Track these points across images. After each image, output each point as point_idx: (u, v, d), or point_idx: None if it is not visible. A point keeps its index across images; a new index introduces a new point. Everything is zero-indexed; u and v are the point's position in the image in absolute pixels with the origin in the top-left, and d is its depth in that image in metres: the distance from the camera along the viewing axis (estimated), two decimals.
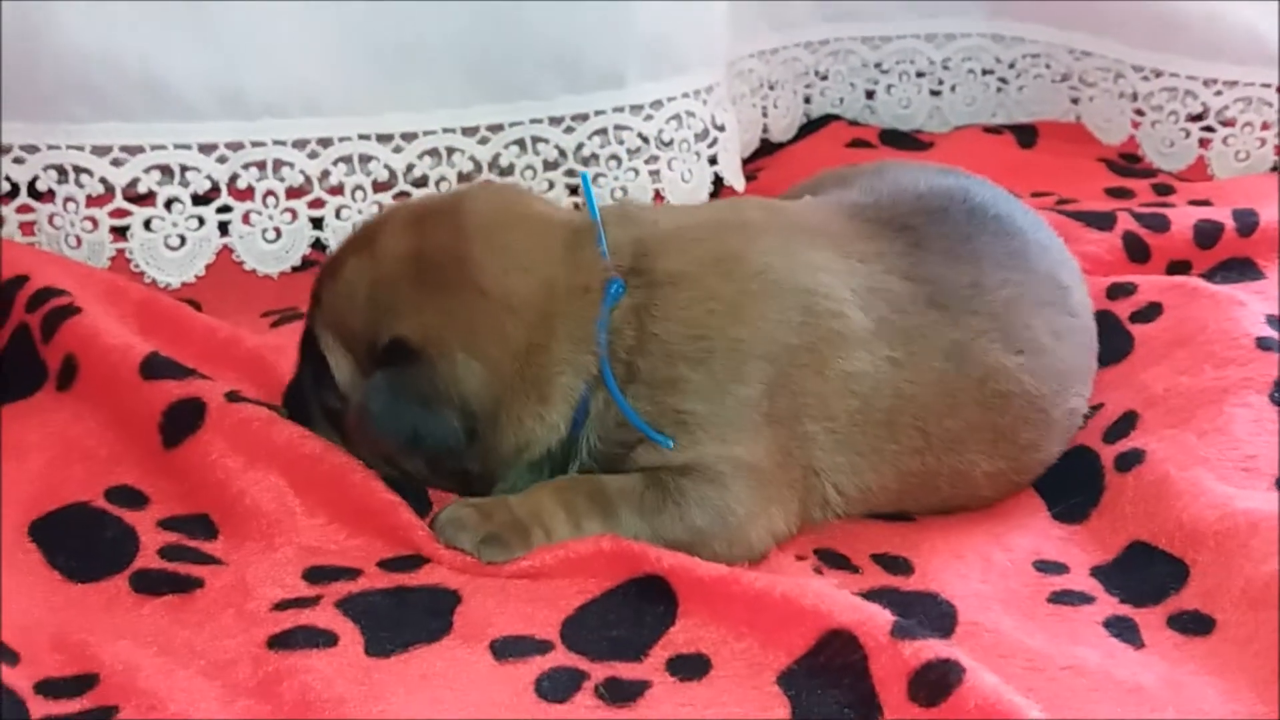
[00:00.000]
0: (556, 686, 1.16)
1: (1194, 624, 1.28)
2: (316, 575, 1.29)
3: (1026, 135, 2.48)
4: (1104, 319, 1.68)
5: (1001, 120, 2.55)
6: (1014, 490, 1.49)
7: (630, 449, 1.36)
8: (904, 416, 1.40)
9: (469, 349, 1.32)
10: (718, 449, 1.33)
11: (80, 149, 1.78)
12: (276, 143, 1.85)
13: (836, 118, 2.52)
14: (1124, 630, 1.28)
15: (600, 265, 1.37)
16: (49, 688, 1.12)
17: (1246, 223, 1.95)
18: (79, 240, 1.81)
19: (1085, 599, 1.33)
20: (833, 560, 1.37)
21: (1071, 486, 1.50)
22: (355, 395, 1.36)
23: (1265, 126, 2.32)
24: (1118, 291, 1.73)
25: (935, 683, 1.10)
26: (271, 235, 1.88)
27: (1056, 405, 1.47)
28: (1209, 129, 2.35)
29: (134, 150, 1.79)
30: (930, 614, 1.26)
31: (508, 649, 1.20)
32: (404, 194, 1.95)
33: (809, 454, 1.38)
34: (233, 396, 1.45)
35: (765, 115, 2.39)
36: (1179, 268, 1.91)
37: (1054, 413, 1.47)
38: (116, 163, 1.79)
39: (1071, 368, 1.49)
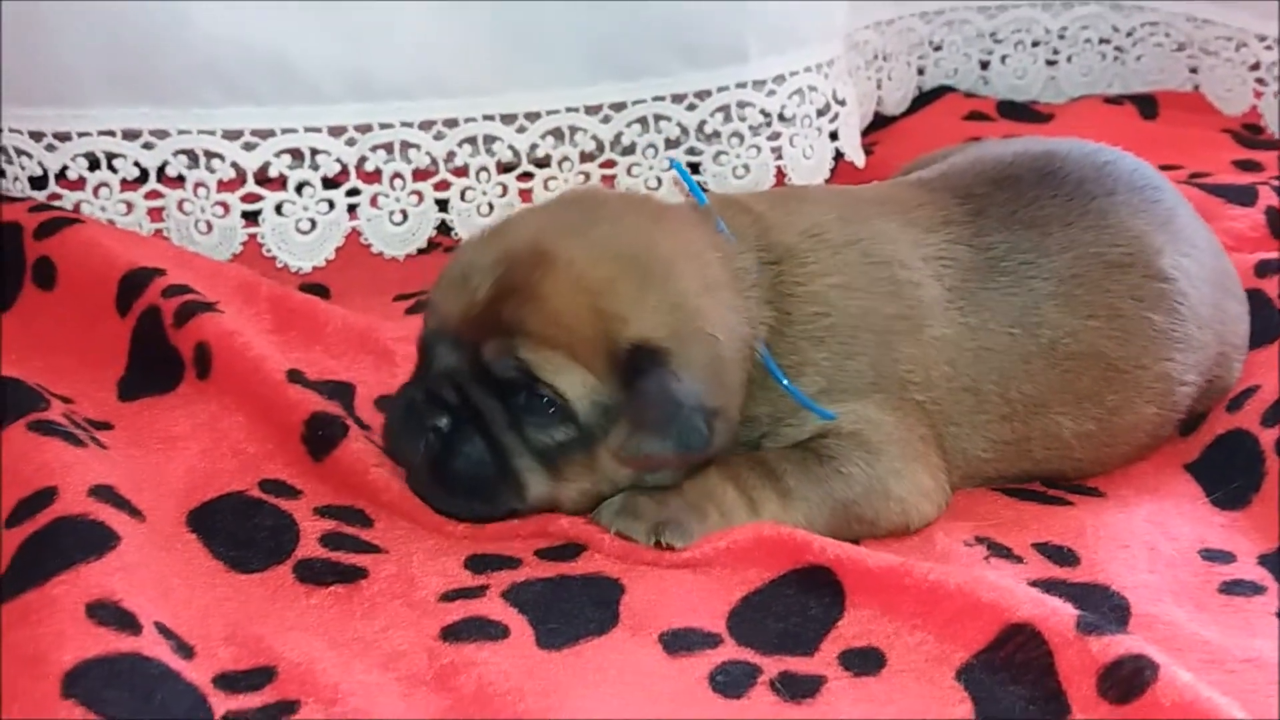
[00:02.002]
0: (731, 681, 1.15)
1: None
2: (479, 564, 1.29)
3: (1147, 106, 2.43)
4: (1253, 297, 1.65)
5: (1118, 90, 2.50)
6: (1110, 455, 1.47)
7: (775, 425, 1.37)
8: (986, 383, 1.40)
9: (703, 341, 1.29)
10: (854, 415, 1.35)
11: (211, 133, 1.77)
12: (404, 124, 1.84)
13: (950, 89, 2.48)
14: None
15: (734, 247, 1.37)
16: (228, 682, 1.11)
17: None
18: (209, 226, 1.80)
19: (1256, 589, 1.30)
20: (994, 550, 1.34)
21: (1230, 471, 1.47)
22: (594, 415, 1.27)
23: None
24: (1266, 269, 1.69)
25: (1127, 679, 1.08)
26: (398, 218, 1.87)
27: (1143, 368, 1.44)
28: None
29: (265, 134, 1.79)
30: (1103, 606, 1.23)
31: (677, 642, 1.19)
32: (527, 174, 1.93)
33: (920, 423, 1.38)
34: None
35: (879, 88, 2.35)
36: None
37: (1140, 376, 1.44)
38: (248, 147, 1.78)
39: (1162, 332, 1.45)
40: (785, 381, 1.35)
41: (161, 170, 1.80)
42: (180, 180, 1.80)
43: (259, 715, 1.07)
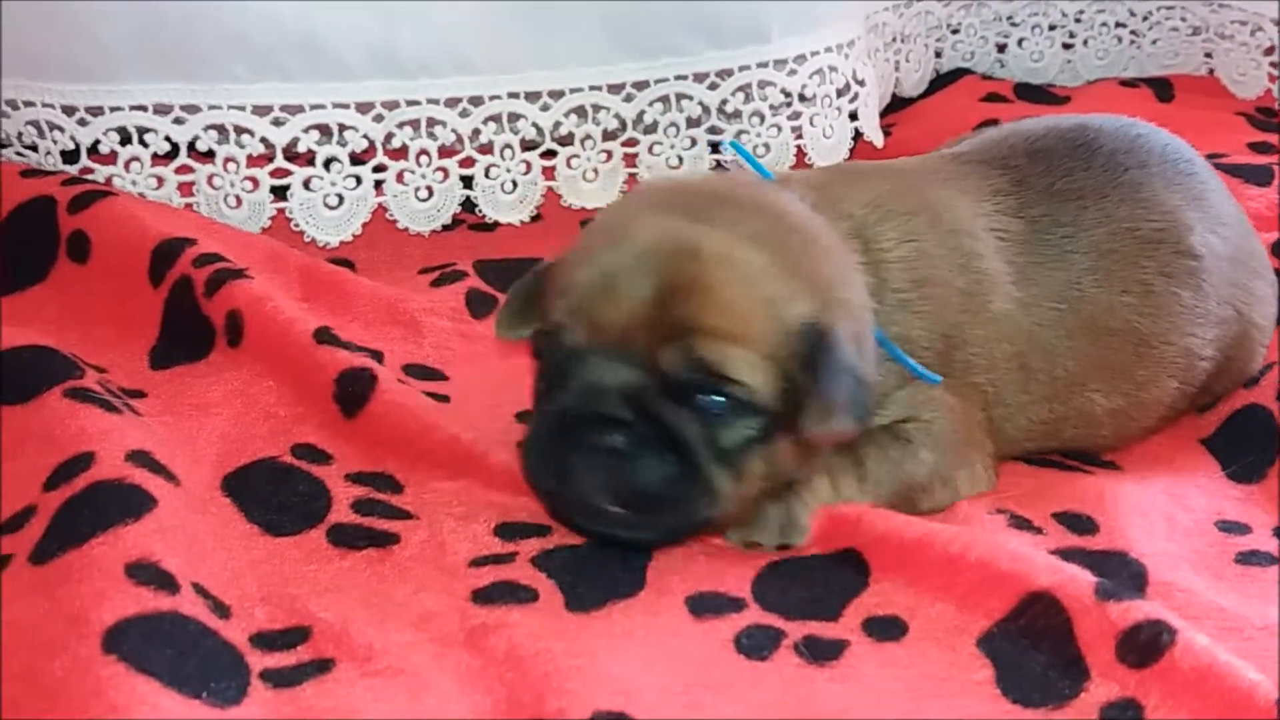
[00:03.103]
0: (756, 644, 1.17)
1: None
2: (509, 532, 1.30)
3: (1163, 89, 2.44)
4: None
5: (1133, 74, 2.51)
6: (1132, 431, 1.48)
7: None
8: (1035, 361, 1.40)
9: (851, 313, 1.27)
10: (926, 397, 1.34)
11: (241, 109, 1.79)
12: (430, 102, 1.86)
13: (967, 71, 2.50)
14: None
15: (823, 220, 1.33)
16: (264, 640, 1.13)
17: None
18: (239, 200, 1.83)
19: (1273, 560, 1.32)
20: (1015, 522, 1.36)
21: (1246, 445, 1.49)
22: (777, 404, 1.21)
23: None
24: None
25: (1146, 644, 1.10)
26: (424, 194, 1.89)
27: (1170, 344, 1.45)
28: None
29: (294, 110, 1.81)
30: (1121, 573, 1.25)
31: (703, 605, 1.21)
32: (550, 152, 1.95)
33: (977, 407, 1.38)
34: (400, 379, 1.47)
35: (897, 69, 2.36)
36: None
37: (1167, 351, 1.45)
38: (277, 122, 1.80)
39: (1188, 308, 1.45)
40: (897, 351, 1.32)
41: (192, 145, 1.82)
42: (210, 155, 1.82)
43: (295, 673, 1.10)
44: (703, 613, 1.20)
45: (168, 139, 1.81)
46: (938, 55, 2.50)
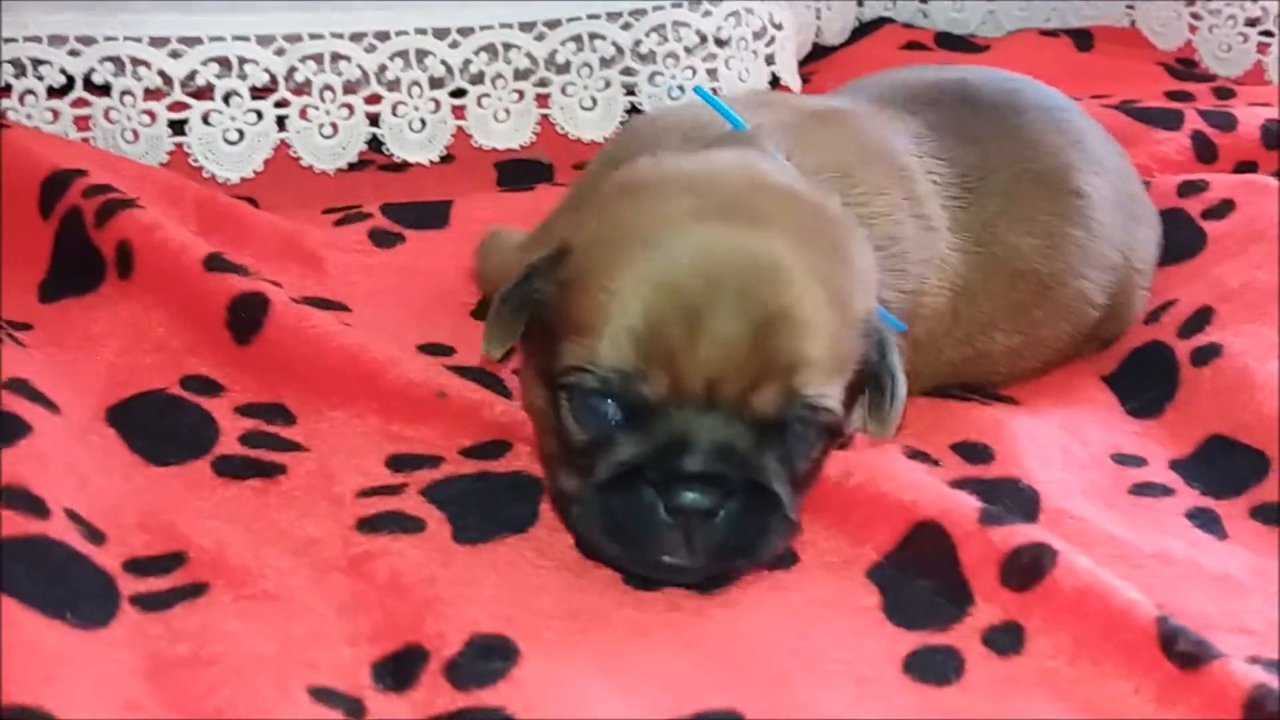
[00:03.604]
0: (644, 579, 1.14)
1: (1277, 515, 1.27)
2: (400, 463, 1.28)
3: (1083, 39, 2.44)
4: (1175, 216, 1.68)
5: (1056, 25, 2.51)
6: (1023, 369, 1.49)
7: None
8: (961, 306, 1.39)
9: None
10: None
11: (138, 40, 1.75)
12: (334, 35, 1.82)
13: (889, 20, 2.49)
14: (1207, 522, 1.28)
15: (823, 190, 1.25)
16: (138, 566, 1.11)
17: None
18: (136, 134, 1.79)
19: (1166, 491, 1.32)
20: (913, 456, 1.34)
21: (1146, 382, 1.49)
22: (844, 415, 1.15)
23: None
24: (1189, 189, 1.71)
25: (1027, 567, 1.10)
26: (328, 131, 1.86)
27: (1064, 285, 1.45)
28: (1267, 33, 2.32)
29: (192, 42, 1.77)
30: (1014, 500, 1.25)
31: None
32: (460, 90, 1.92)
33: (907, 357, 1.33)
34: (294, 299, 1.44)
35: (819, 18, 2.35)
36: (1246, 169, 1.89)
37: (1061, 291, 1.45)
38: (174, 55, 1.76)
39: (1082, 248, 1.46)
40: (881, 310, 1.23)
41: (88, 78, 1.77)
42: (106, 89, 1.78)
43: (167, 596, 1.07)
44: None
45: (63, 71, 1.77)
46: (860, 4, 2.49)
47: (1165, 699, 1.00)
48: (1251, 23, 2.34)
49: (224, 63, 1.80)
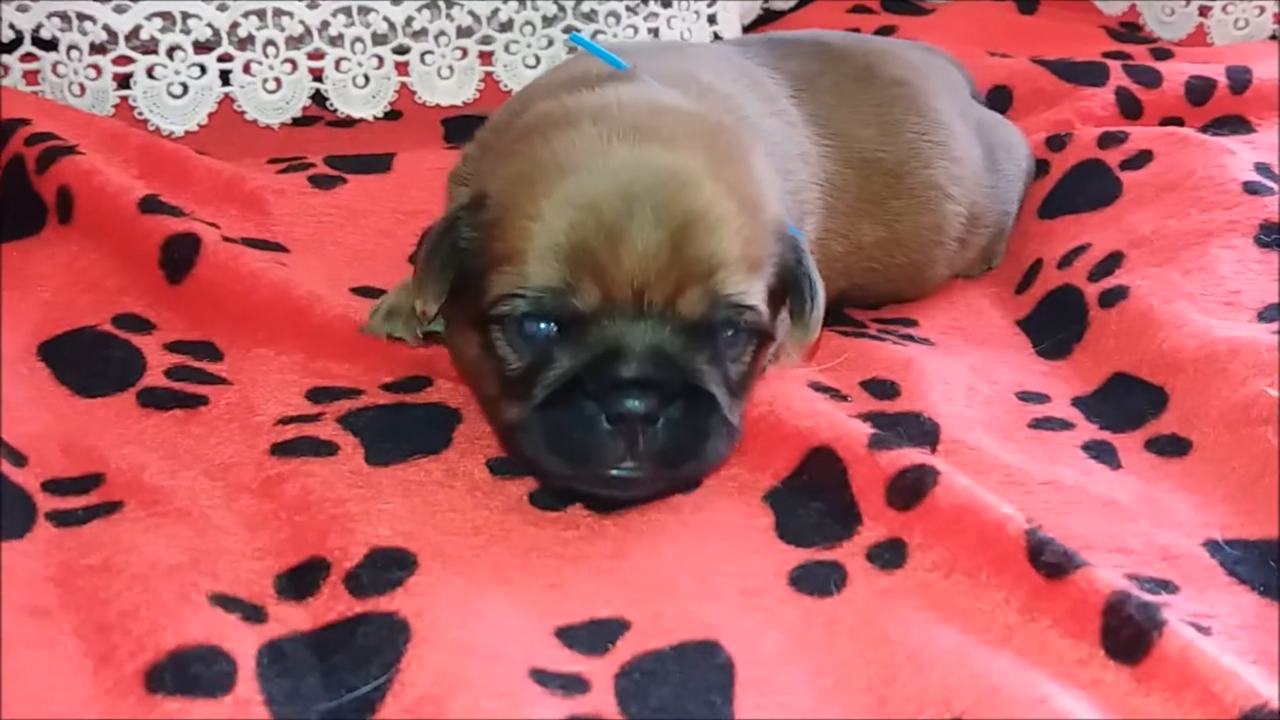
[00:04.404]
0: (549, 498, 1.20)
1: (1171, 446, 1.32)
2: (319, 395, 1.33)
3: (1027, 4, 2.48)
4: (1094, 167, 1.72)
5: None
6: (902, 270, 1.56)
7: None
8: (828, 195, 1.45)
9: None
10: None
11: None
12: None
13: None
14: (1102, 453, 1.32)
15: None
16: (56, 486, 1.16)
17: (1239, 80, 1.96)
18: (82, 88, 1.83)
19: (1065, 425, 1.36)
20: (822, 391, 1.39)
21: (1056, 324, 1.53)
22: (772, 319, 1.19)
23: None
24: (1109, 140, 1.75)
25: (910, 487, 1.15)
26: (272, 85, 1.90)
27: (912, 173, 1.53)
28: None
29: None
30: (914, 432, 1.29)
31: (504, 467, 1.23)
32: (403, 47, 1.96)
33: None
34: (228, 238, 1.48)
35: None
36: (1171, 125, 1.92)
37: (910, 180, 1.53)
38: (119, 9, 1.80)
39: (922, 135, 1.55)
40: (793, 228, 1.26)
41: (36, 33, 1.81)
42: (54, 44, 1.82)
43: (83, 513, 1.12)
44: (503, 473, 1.23)
45: (12, 26, 1.80)
46: None
47: (1031, 607, 1.05)
48: None
49: (168, 18, 1.83)
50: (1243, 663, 0.98)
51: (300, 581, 1.07)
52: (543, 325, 1.12)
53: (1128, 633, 0.99)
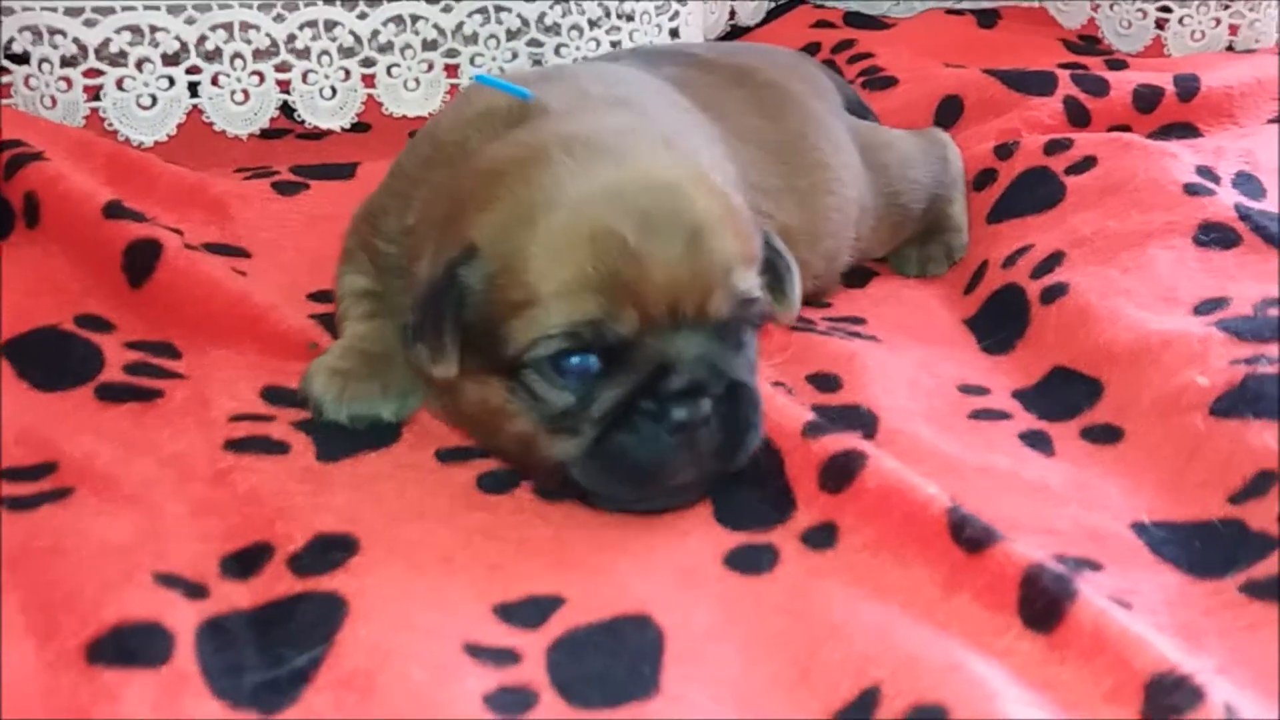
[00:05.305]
0: (498, 482, 1.23)
1: (1104, 435, 1.35)
2: (274, 396, 1.35)
3: (987, 17, 2.52)
4: (1040, 174, 1.75)
5: (968, 6, 2.58)
6: (822, 246, 1.60)
7: None
8: (744, 173, 1.49)
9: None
10: None
11: (54, 10, 1.83)
12: (243, 5, 1.90)
13: (804, 1, 2.57)
14: (1037, 441, 1.35)
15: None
16: (11, 474, 1.19)
17: (1187, 88, 2.00)
18: (54, 100, 1.86)
19: (1003, 415, 1.40)
20: (770, 385, 1.42)
21: (1000, 322, 1.57)
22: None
23: (1225, 6, 2.37)
24: (1055, 147, 1.78)
25: (840, 470, 1.18)
26: (240, 97, 1.94)
27: (803, 154, 1.59)
28: (1165, 9, 2.38)
29: (105, 11, 1.85)
30: (853, 423, 1.32)
31: (453, 455, 1.27)
32: (370, 60, 2.00)
33: None
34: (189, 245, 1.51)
35: None
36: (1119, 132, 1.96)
37: (805, 159, 1.59)
38: (89, 23, 1.84)
39: (807, 121, 1.63)
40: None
41: (8, 47, 1.85)
42: (25, 58, 1.86)
43: (34, 499, 1.15)
44: (450, 460, 1.26)
45: None
46: None
47: (953, 582, 1.08)
48: None
49: (136, 31, 1.87)
50: (1156, 633, 1.01)
51: (245, 562, 1.10)
52: (582, 359, 1.14)
53: (1042, 603, 1.02)
